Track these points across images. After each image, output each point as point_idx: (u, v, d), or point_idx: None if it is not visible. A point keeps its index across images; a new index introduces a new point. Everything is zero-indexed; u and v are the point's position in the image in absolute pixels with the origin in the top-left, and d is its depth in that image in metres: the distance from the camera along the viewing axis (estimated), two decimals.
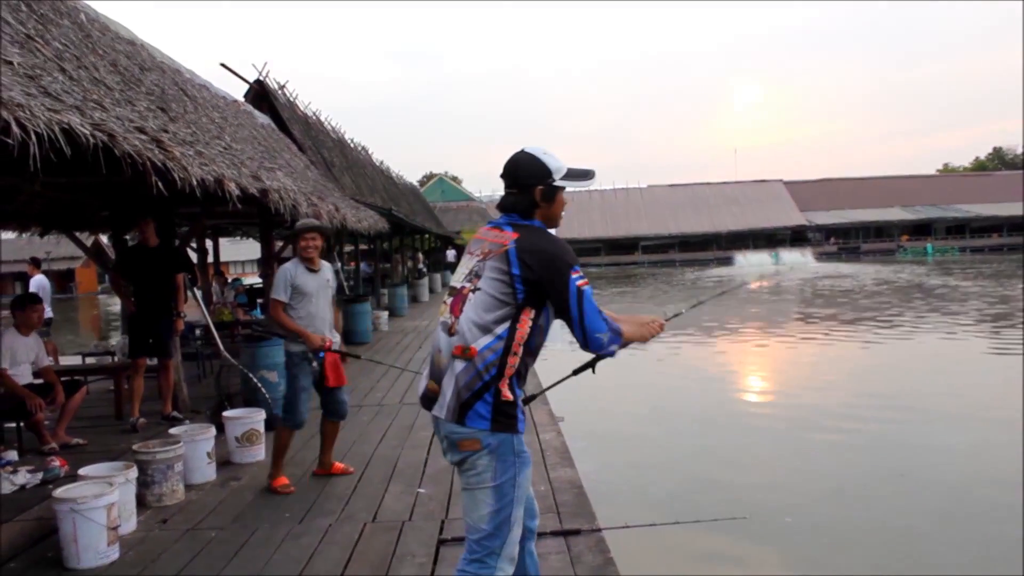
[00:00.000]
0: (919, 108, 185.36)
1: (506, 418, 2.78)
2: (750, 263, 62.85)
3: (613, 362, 3.17)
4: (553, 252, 2.78)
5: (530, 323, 2.79)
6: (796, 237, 74.18)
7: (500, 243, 2.83)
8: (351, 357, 6.53)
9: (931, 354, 16.43)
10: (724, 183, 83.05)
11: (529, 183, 2.89)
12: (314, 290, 5.83)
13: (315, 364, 5.76)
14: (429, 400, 2.91)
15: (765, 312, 26.37)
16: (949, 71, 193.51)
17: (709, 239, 73.98)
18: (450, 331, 2.84)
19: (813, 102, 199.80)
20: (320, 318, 5.87)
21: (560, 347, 5.16)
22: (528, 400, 3.06)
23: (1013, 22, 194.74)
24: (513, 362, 2.77)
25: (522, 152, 2.95)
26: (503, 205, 2.97)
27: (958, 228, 74.55)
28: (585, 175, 2.99)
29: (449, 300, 2.92)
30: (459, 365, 2.77)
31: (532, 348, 2.84)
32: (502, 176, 2.97)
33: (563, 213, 3.01)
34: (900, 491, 7.72)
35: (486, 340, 2.75)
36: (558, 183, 2.91)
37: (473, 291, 2.82)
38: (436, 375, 2.88)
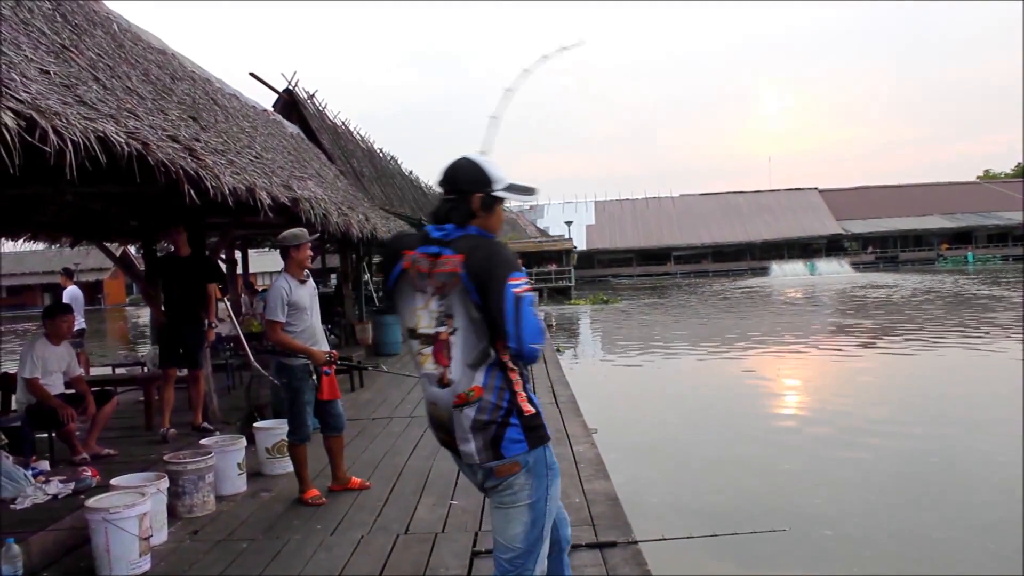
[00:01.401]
0: (957, 111, 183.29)
1: (538, 431, 2.71)
2: (785, 273, 62.30)
3: (646, 374, 3.06)
4: (492, 257, 2.61)
5: None
6: (832, 246, 73.41)
7: (451, 273, 2.64)
8: (354, 368, 6.44)
9: (976, 366, 16.10)
10: (758, 191, 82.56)
11: (469, 189, 2.73)
12: (308, 303, 5.73)
13: (315, 378, 5.69)
14: (450, 447, 2.80)
15: (801, 322, 26.06)
16: (987, 73, 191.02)
17: (743, 249, 73.44)
18: (443, 382, 2.70)
19: (847, 106, 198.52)
20: (318, 330, 5.81)
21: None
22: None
23: None
24: (515, 376, 2.69)
25: (463, 158, 2.81)
26: (437, 214, 2.79)
27: (1000, 236, 73.34)
28: (527, 190, 2.86)
29: (427, 350, 2.74)
30: (470, 410, 2.65)
31: None
32: (440, 183, 2.83)
33: (501, 225, 2.85)
34: (941, 502, 7.54)
35: (483, 373, 2.63)
36: (499, 193, 2.76)
37: (452, 333, 2.67)
38: (443, 427, 2.76)
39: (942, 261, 69.35)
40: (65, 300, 11.02)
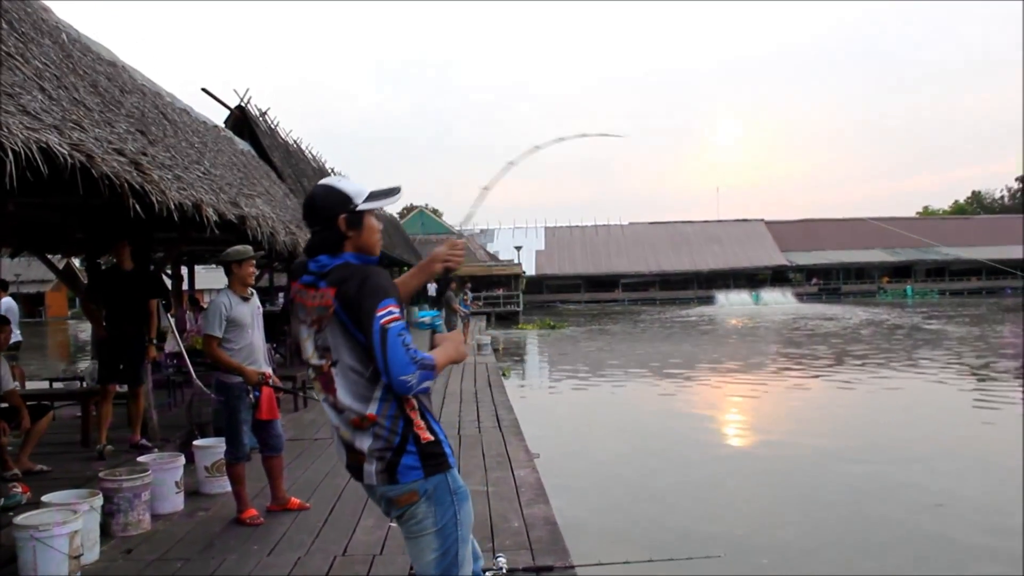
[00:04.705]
0: (898, 149, 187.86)
1: (436, 459, 2.68)
2: (731, 302, 63.16)
3: (590, 399, 3.09)
4: (362, 287, 2.58)
5: None
6: (777, 277, 74.63)
7: (325, 306, 2.64)
8: (286, 392, 6.40)
9: (915, 401, 16.47)
10: (706, 221, 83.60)
11: (331, 215, 2.70)
12: (250, 320, 5.71)
13: (252, 397, 5.65)
14: (353, 469, 2.78)
15: (746, 351, 26.43)
16: (929, 112, 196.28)
17: (690, 278, 74.21)
18: (338, 408, 2.71)
19: (793, 139, 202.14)
20: (258, 348, 5.77)
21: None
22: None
23: (991, 67, 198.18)
24: (412, 405, 2.66)
25: (317, 186, 2.81)
26: (309, 247, 2.77)
27: (938, 271, 75.28)
28: (389, 192, 2.82)
29: (316, 380, 2.77)
30: (365, 436, 2.65)
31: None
32: (304, 218, 2.82)
33: (379, 239, 2.84)
34: (879, 531, 7.68)
35: (375, 403, 2.62)
36: (361, 207, 2.72)
37: (332, 366, 2.69)
38: (350, 449, 2.75)
39: (883, 294, 70.94)
40: (2, 311, 10.78)
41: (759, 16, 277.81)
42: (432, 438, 2.68)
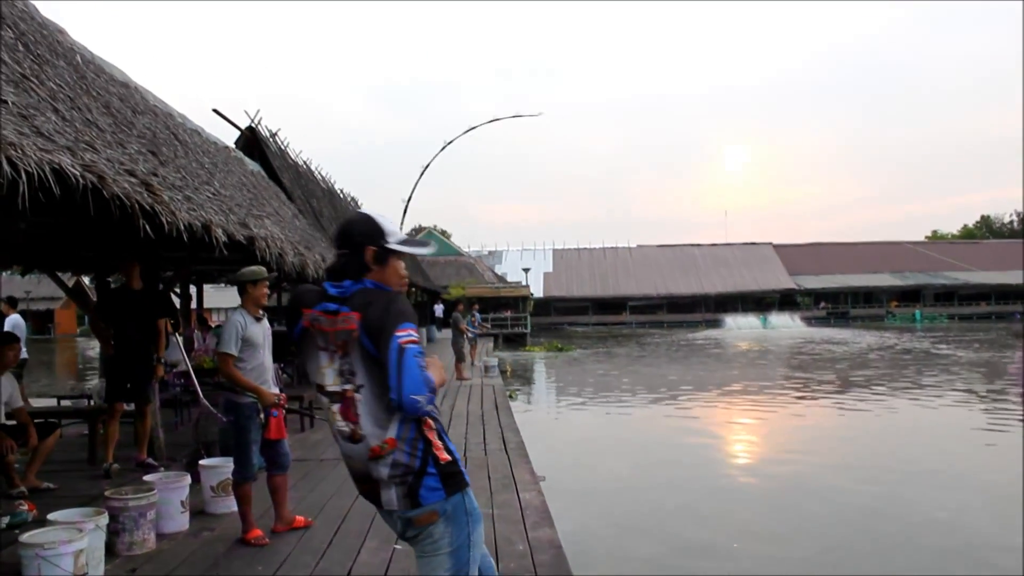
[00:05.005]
0: (908, 173, 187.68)
1: (455, 478, 2.73)
2: (739, 325, 63.02)
3: (597, 422, 3.12)
4: (386, 310, 2.65)
5: None
6: (785, 300, 74.51)
7: (348, 330, 2.69)
8: (300, 414, 6.41)
9: (921, 424, 16.38)
10: (714, 244, 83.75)
11: (362, 242, 2.77)
12: (261, 340, 5.73)
13: (263, 417, 5.67)
14: (371, 497, 2.82)
15: (754, 374, 26.35)
16: (938, 137, 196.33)
17: (698, 301, 74.20)
18: (355, 438, 2.74)
19: (802, 163, 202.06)
20: (268, 369, 5.80)
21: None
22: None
23: (1000, 92, 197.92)
24: (430, 426, 2.71)
25: (358, 213, 2.92)
26: (332, 269, 2.83)
27: (947, 295, 75.14)
28: (422, 243, 2.95)
29: (335, 407, 2.77)
30: (385, 463, 2.69)
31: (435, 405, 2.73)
32: (334, 238, 2.90)
33: (400, 283, 2.87)
34: (887, 557, 7.63)
35: (395, 426, 2.66)
36: (392, 246, 2.80)
37: (357, 391, 2.71)
38: (362, 478, 2.79)
39: (891, 318, 70.75)
40: (7, 328, 10.84)
41: (764, 42, 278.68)
42: (449, 458, 2.73)
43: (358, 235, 2.78)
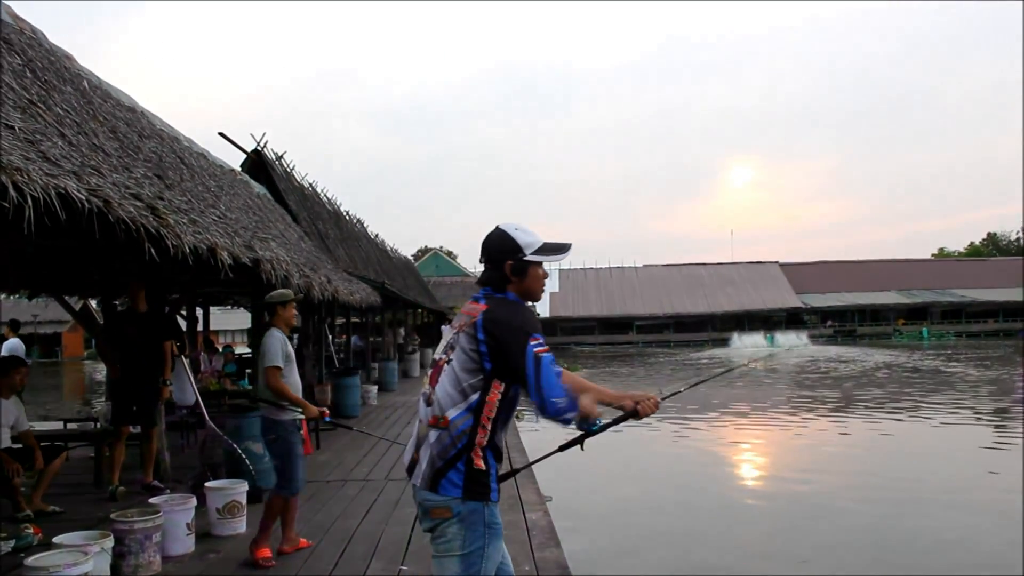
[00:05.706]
0: (913, 191, 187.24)
1: (478, 486, 2.81)
2: (745, 344, 62.78)
3: (602, 442, 3.15)
4: (512, 320, 2.84)
5: (500, 395, 2.85)
6: (792, 319, 74.29)
7: (471, 315, 2.90)
8: (344, 428, 6.48)
9: (932, 441, 16.30)
10: (720, 264, 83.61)
11: (500, 259, 2.96)
12: (293, 358, 5.86)
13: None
14: (411, 468, 2.95)
15: (762, 394, 26.24)
16: (944, 155, 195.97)
17: (704, 320, 74.00)
18: (428, 401, 2.91)
19: (808, 182, 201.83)
20: (298, 386, 5.90)
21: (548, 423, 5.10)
22: (506, 476, 3.00)
23: (1007, 111, 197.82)
24: (483, 434, 2.82)
25: (495, 228, 3.04)
26: (481, 280, 3.05)
27: (954, 312, 74.84)
28: (559, 249, 3.04)
29: (429, 371, 2.99)
30: (434, 434, 2.83)
31: (503, 420, 2.89)
32: (480, 254, 3.05)
33: (542, 288, 3.05)
34: None
35: (458, 410, 2.81)
36: (529, 258, 2.96)
37: (447, 362, 2.89)
38: (418, 444, 2.93)
39: (898, 336, 70.43)
40: (4, 352, 10.87)
41: (769, 62, 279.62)
42: (483, 467, 2.82)
43: (495, 252, 2.99)
